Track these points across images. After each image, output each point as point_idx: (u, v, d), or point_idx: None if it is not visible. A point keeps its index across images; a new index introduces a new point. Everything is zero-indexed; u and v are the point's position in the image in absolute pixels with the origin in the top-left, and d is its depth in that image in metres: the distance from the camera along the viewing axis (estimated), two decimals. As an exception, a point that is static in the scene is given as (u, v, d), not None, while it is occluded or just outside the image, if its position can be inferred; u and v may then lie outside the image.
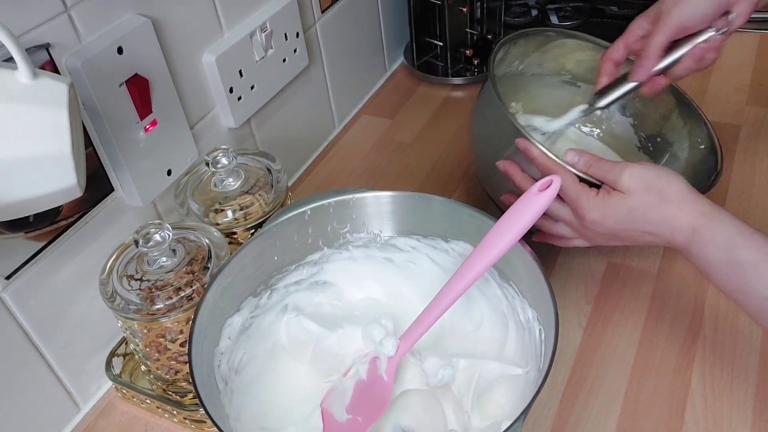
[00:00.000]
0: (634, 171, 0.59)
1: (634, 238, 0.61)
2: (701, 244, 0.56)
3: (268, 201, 0.70)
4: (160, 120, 0.69)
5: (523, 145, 0.65)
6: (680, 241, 0.58)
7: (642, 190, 0.58)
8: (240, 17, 0.79)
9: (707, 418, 0.62)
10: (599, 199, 0.60)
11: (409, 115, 1.07)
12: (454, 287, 0.55)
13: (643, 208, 0.58)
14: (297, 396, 0.60)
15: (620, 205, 0.59)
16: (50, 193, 0.48)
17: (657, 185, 0.58)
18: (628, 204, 0.59)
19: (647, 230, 0.59)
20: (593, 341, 0.70)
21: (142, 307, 0.59)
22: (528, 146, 0.64)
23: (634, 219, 0.59)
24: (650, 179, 0.58)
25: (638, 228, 0.59)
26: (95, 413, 0.70)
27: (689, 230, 0.57)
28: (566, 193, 0.61)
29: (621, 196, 0.59)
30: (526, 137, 0.64)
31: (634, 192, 0.58)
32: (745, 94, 1.00)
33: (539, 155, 0.63)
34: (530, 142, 0.64)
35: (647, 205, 0.58)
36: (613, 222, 0.60)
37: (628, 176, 0.59)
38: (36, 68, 0.46)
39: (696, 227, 0.56)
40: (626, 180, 0.59)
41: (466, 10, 1.08)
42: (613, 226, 0.60)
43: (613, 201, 0.59)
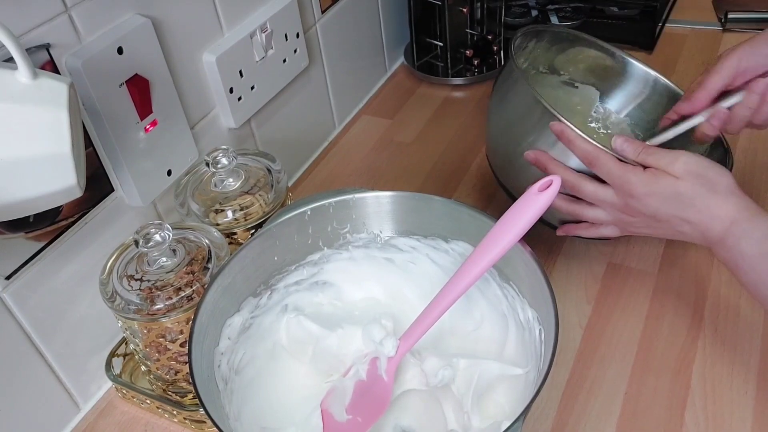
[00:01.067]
0: (689, 158, 0.59)
1: (671, 224, 0.61)
2: (738, 236, 0.57)
3: (268, 201, 0.70)
4: (160, 120, 0.69)
5: (559, 128, 0.63)
6: (717, 232, 0.58)
7: (693, 176, 0.59)
8: (240, 17, 0.79)
9: (707, 418, 0.62)
10: (648, 175, 0.60)
11: (409, 115, 1.07)
12: (454, 287, 0.55)
13: (692, 194, 0.59)
14: (297, 396, 0.60)
15: (669, 186, 0.59)
16: (50, 193, 0.48)
17: (708, 175, 0.59)
18: (678, 188, 0.59)
19: (688, 217, 0.59)
20: (593, 341, 0.70)
21: (142, 307, 0.59)
22: (564, 129, 0.63)
23: (681, 203, 0.59)
24: (703, 169, 0.59)
25: (680, 213, 0.60)
26: (95, 413, 0.70)
27: (729, 221, 0.57)
28: (611, 172, 0.61)
29: (671, 178, 0.59)
30: (561, 120, 0.63)
31: (686, 177, 0.59)
32: (745, 95, 1.00)
33: (577, 139, 0.62)
34: (567, 125, 0.63)
35: (696, 192, 0.59)
36: (659, 202, 0.60)
37: (683, 162, 0.59)
38: (36, 68, 0.46)
39: (736, 219, 0.57)
40: (681, 165, 0.59)
41: (466, 10, 1.08)
42: (658, 207, 0.60)
43: (663, 180, 0.59)
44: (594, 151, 0.62)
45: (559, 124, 0.63)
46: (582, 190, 0.64)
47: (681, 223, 0.60)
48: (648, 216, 0.62)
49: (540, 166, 0.66)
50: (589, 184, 0.64)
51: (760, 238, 0.56)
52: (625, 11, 1.14)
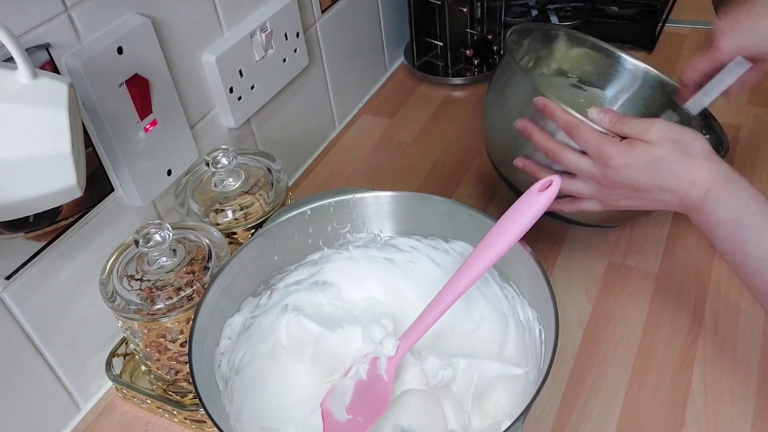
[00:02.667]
0: (662, 124, 0.60)
1: (651, 194, 0.61)
2: (713, 202, 0.57)
3: (269, 201, 0.70)
4: (160, 120, 0.69)
5: (542, 102, 0.65)
6: (694, 197, 0.58)
7: (669, 142, 0.59)
8: (240, 17, 0.79)
9: (708, 417, 0.62)
10: (624, 145, 0.60)
11: (409, 114, 1.07)
12: (454, 287, 0.55)
13: (668, 159, 0.59)
14: (297, 396, 0.60)
15: (646, 154, 0.59)
16: (50, 193, 0.48)
17: (683, 140, 0.59)
18: (654, 153, 0.59)
19: (667, 184, 0.60)
20: (593, 341, 0.70)
21: (142, 307, 0.59)
22: (546, 103, 0.64)
23: (658, 169, 0.59)
24: (677, 133, 0.59)
25: (658, 181, 0.60)
26: (95, 413, 0.70)
27: (705, 187, 0.58)
28: (589, 142, 0.62)
29: (647, 145, 0.59)
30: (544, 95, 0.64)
31: (661, 143, 0.59)
32: (745, 94, 1.00)
33: (558, 111, 0.64)
34: (549, 98, 0.64)
35: (672, 157, 0.59)
36: (636, 170, 0.60)
37: (656, 129, 0.59)
38: (36, 68, 0.46)
39: (713, 185, 0.57)
40: (654, 132, 0.59)
41: (466, 10, 1.08)
42: (635, 176, 0.60)
43: (639, 149, 0.60)
44: (574, 121, 0.63)
45: (542, 98, 0.65)
46: (563, 159, 0.64)
47: (660, 192, 0.60)
48: (627, 186, 0.62)
49: (527, 134, 0.67)
50: (570, 153, 0.64)
51: (734, 205, 0.56)
52: (626, 11, 1.14)
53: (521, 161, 0.70)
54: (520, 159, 0.70)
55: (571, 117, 0.63)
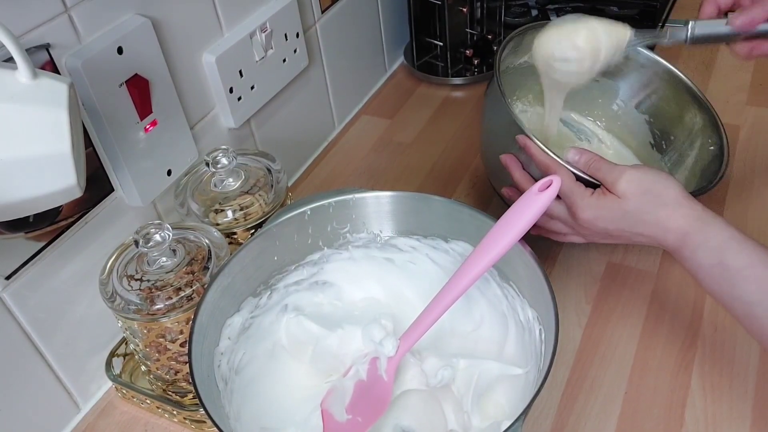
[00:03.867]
0: (631, 176, 0.59)
1: (626, 237, 0.61)
2: (693, 248, 0.57)
3: (268, 201, 0.70)
4: (160, 120, 0.69)
5: (523, 141, 0.65)
6: (672, 244, 0.58)
7: (638, 194, 0.58)
8: (240, 17, 0.79)
9: (707, 417, 0.62)
10: (594, 198, 0.60)
11: (409, 115, 1.07)
12: (454, 287, 0.55)
13: (638, 212, 0.59)
14: (297, 396, 0.60)
15: (615, 208, 0.59)
16: (50, 193, 0.48)
17: (653, 189, 0.58)
18: (623, 207, 0.59)
19: (640, 232, 0.60)
20: (593, 341, 0.70)
21: (142, 307, 0.59)
22: (527, 143, 0.65)
23: (629, 221, 0.59)
24: (647, 183, 0.59)
25: (631, 229, 0.60)
26: (95, 413, 0.70)
27: (681, 234, 0.57)
28: (562, 190, 0.61)
29: (616, 199, 0.59)
30: (526, 134, 0.65)
31: (630, 197, 0.59)
32: (745, 94, 1.00)
33: (537, 152, 0.64)
34: (529, 138, 0.65)
35: (643, 208, 0.59)
36: (606, 223, 0.60)
37: (625, 181, 0.59)
38: (36, 68, 0.46)
39: (688, 231, 0.57)
40: (624, 184, 0.59)
41: (466, 10, 1.08)
42: (606, 227, 0.61)
43: (608, 203, 0.60)
44: (552, 165, 0.63)
45: (523, 138, 0.65)
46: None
47: (636, 236, 0.60)
48: (600, 233, 0.62)
49: (508, 170, 0.68)
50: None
51: (714, 248, 0.56)
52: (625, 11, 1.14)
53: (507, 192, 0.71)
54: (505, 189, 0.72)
55: (548, 159, 0.63)
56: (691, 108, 0.79)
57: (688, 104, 0.80)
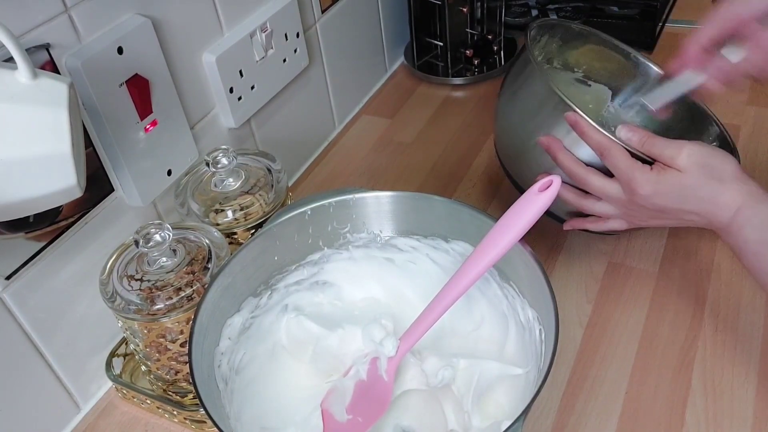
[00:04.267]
0: (692, 149, 0.58)
1: (678, 216, 0.61)
2: (741, 223, 0.57)
3: (269, 201, 0.70)
4: (160, 120, 0.69)
5: (573, 118, 0.62)
6: (723, 219, 0.58)
7: (698, 167, 0.58)
8: (240, 17, 0.79)
9: (708, 417, 0.62)
10: (654, 173, 0.59)
11: (409, 115, 1.07)
12: (454, 287, 0.55)
13: (696, 185, 0.58)
14: (297, 396, 0.60)
15: (675, 182, 0.59)
16: (50, 193, 0.48)
17: (712, 163, 0.58)
18: (683, 181, 0.58)
19: (693, 208, 0.59)
20: (593, 341, 0.70)
21: (142, 308, 0.59)
22: (578, 120, 0.62)
23: (686, 196, 0.59)
24: (707, 157, 0.59)
25: (686, 206, 0.59)
26: (95, 413, 0.70)
27: (734, 209, 0.57)
28: (618, 167, 0.60)
29: (676, 173, 0.59)
30: (576, 111, 0.62)
31: (691, 170, 0.58)
32: (745, 94, 1.00)
33: (590, 130, 0.61)
34: (580, 115, 0.62)
35: (700, 182, 0.58)
36: (665, 199, 0.60)
37: (686, 154, 0.58)
38: (36, 68, 0.46)
39: (740, 206, 0.57)
40: (684, 158, 0.58)
41: (466, 10, 1.08)
42: (664, 204, 0.60)
43: (669, 178, 0.59)
44: (607, 143, 0.61)
45: (574, 115, 0.62)
46: (590, 184, 0.63)
47: (687, 213, 0.60)
48: (653, 211, 0.62)
49: (551, 153, 0.65)
50: (597, 178, 0.63)
51: (760, 225, 0.56)
52: (625, 11, 1.14)
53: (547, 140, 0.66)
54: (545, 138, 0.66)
55: (603, 137, 0.61)
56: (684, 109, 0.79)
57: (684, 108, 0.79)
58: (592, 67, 0.84)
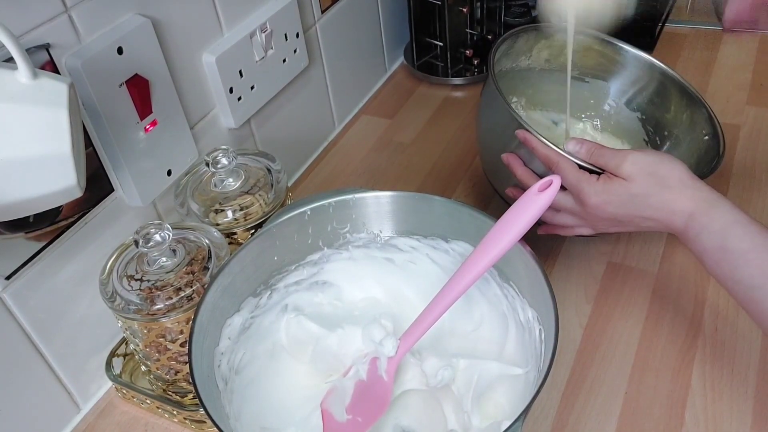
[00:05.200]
0: (636, 158, 0.59)
1: (635, 223, 0.61)
2: (697, 230, 0.57)
3: (268, 201, 0.70)
4: (160, 120, 0.69)
5: (523, 135, 0.65)
6: (678, 226, 0.58)
7: (644, 176, 0.59)
8: (240, 17, 0.79)
9: (707, 417, 0.62)
10: (600, 184, 0.60)
11: (409, 115, 1.07)
12: (454, 287, 0.55)
13: (645, 194, 0.59)
14: (297, 396, 0.60)
15: (622, 191, 0.59)
16: (50, 193, 0.48)
17: (658, 171, 0.59)
18: (630, 190, 0.59)
19: (648, 215, 0.60)
20: (593, 341, 0.70)
21: (142, 308, 0.59)
22: (527, 137, 0.65)
23: (636, 204, 0.59)
24: (652, 165, 0.59)
25: (639, 213, 0.60)
26: (95, 413, 0.70)
27: (687, 215, 0.57)
28: (568, 180, 0.62)
29: (622, 182, 0.59)
30: (526, 128, 0.65)
31: (636, 178, 0.59)
32: (745, 94, 1.00)
33: (539, 145, 0.64)
34: (529, 132, 0.64)
35: (649, 191, 0.59)
36: (615, 207, 0.60)
37: (630, 163, 0.59)
38: (36, 68, 0.46)
39: (693, 213, 0.57)
40: (629, 167, 0.59)
41: (466, 10, 1.08)
42: (615, 212, 0.61)
43: (615, 187, 0.60)
44: (555, 156, 0.63)
45: (523, 132, 0.65)
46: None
47: (644, 220, 0.60)
48: (609, 219, 0.62)
49: (511, 169, 0.68)
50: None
51: (717, 231, 0.56)
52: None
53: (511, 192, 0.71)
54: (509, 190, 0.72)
55: (550, 152, 0.63)
56: (680, 101, 0.80)
57: (677, 97, 0.80)
58: (586, 65, 0.85)
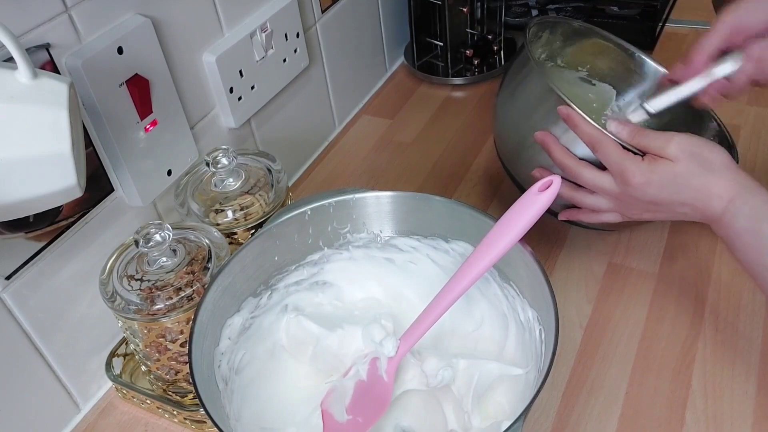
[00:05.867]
0: (681, 139, 0.59)
1: (671, 208, 0.61)
2: (733, 214, 0.57)
3: (269, 201, 0.70)
4: (160, 120, 0.69)
5: (566, 111, 0.63)
6: (715, 210, 0.58)
7: (688, 156, 0.59)
8: (240, 17, 0.79)
9: (708, 418, 0.62)
10: (645, 163, 0.60)
11: (409, 115, 1.07)
12: (454, 287, 0.55)
13: (688, 175, 0.59)
14: (297, 396, 0.60)
15: (666, 171, 0.59)
16: (50, 193, 0.48)
17: (702, 153, 0.59)
18: (675, 170, 0.59)
19: (687, 199, 0.59)
20: (593, 341, 0.70)
21: (142, 308, 0.59)
22: (570, 113, 0.63)
23: (678, 186, 0.59)
24: (696, 147, 0.59)
25: (679, 197, 0.60)
26: (95, 413, 0.70)
27: (726, 199, 0.57)
28: (610, 159, 0.61)
29: (668, 162, 0.59)
30: (569, 104, 0.63)
31: (681, 159, 0.59)
32: (745, 94, 0.99)
33: (582, 123, 0.62)
34: (573, 109, 0.63)
35: (692, 172, 0.59)
36: (657, 188, 0.60)
37: (676, 143, 0.59)
38: (36, 68, 0.46)
39: (732, 197, 0.57)
40: (674, 147, 0.59)
41: (466, 10, 1.08)
42: (656, 194, 0.60)
43: (660, 167, 0.59)
44: (597, 135, 0.62)
45: (566, 108, 0.63)
46: (581, 177, 0.64)
47: (681, 206, 0.60)
48: (647, 201, 0.62)
49: (545, 147, 0.66)
50: (589, 171, 0.63)
51: (753, 216, 0.56)
52: (626, 11, 1.14)
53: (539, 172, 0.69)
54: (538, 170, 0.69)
55: (594, 130, 0.62)
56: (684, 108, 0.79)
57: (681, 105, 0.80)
58: (596, 66, 0.84)
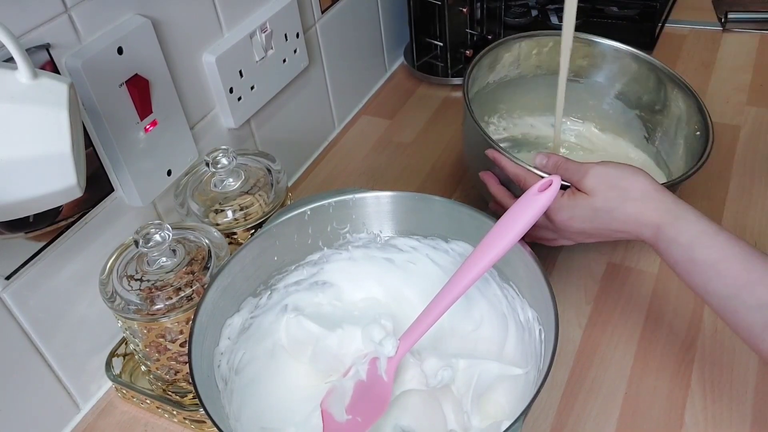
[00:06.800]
0: (597, 171, 0.59)
1: (606, 235, 0.61)
2: (666, 243, 0.57)
3: (268, 201, 0.70)
4: (160, 120, 0.69)
5: (492, 154, 0.68)
6: (647, 237, 0.58)
7: (606, 189, 0.59)
8: (240, 17, 0.79)
9: (707, 418, 0.62)
10: (565, 199, 0.61)
11: (409, 115, 1.07)
12: (454, 287, 0.55)
13: (608, 208, 0.59)
14: (297, 396, 0.60)
15: (585, 206, 0.60)
16: (50, 193, 0.48)
17: (620, 184, 0.59)
18: (593, 205, 0.59)
19: (616, 228, 0.60)
20: (593, 341, 0.70)
21: (142, 308, 0.59)
22: (496, 155, 0.67)
23: (601, 218, 0.60)
24: (613, 178, 0.59)
25: (607, 226, 0.60)
26: (95, 413, 0.70)
27: (654, 227, 0.57)
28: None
29: (586, 197, 0.60)
30: (494, 147, 0.67)
31: (598, 192, 0.59)
32: (745, 94, 1.00)
33: (507, 163, 0.66)
34: (497, 151, 0.67)
35: (611, 205, 0.59)
36: (581, 222, 0.61)
37: (591, 177, 0.59)
38: (36, 68, 0.46)
39: (660, 225, 0.57)
40: (590, 181, 0.59)
41: (466, 10, 1.08)
42: (582, 226, 0.61)
43: (579, 201, 0.60)
44: (522, 173, 0.65)
45: (492, 151, 0.67)
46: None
47: (615, 233, 0.61)
48: (580, 233, 0.62)
49: (486, 186, 0.71)
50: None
51: (685, 244, 0.55)
52: (625, 11, 1.14)
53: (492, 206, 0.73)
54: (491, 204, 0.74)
55: (518, 168, 0.65)
56: (672, 93, 0.80)
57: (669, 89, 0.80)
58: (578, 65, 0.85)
